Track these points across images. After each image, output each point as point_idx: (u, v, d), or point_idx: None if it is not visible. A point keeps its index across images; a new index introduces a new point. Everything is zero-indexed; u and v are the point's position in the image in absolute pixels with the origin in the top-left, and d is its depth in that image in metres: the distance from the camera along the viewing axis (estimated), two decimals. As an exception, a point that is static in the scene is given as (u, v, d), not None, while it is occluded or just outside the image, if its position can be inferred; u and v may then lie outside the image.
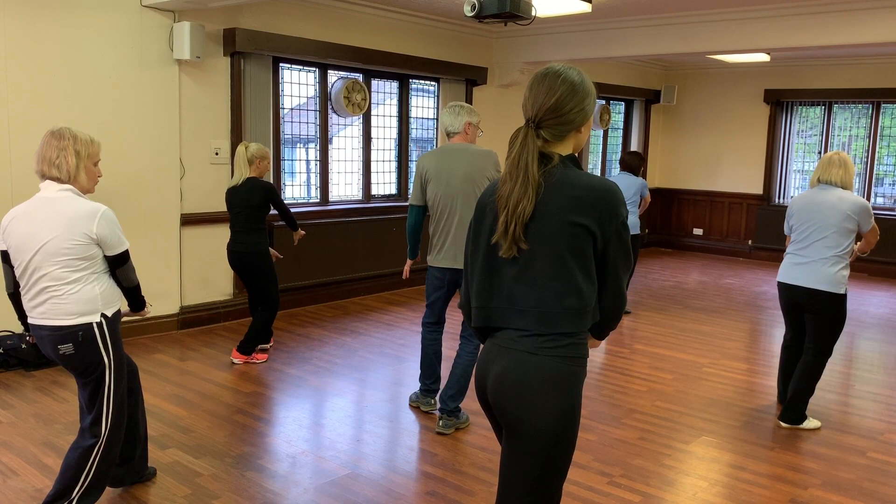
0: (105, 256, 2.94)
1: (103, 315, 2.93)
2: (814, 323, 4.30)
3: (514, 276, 2.04)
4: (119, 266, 2.99)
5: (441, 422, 4.20)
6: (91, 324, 2.89)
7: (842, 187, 4.19)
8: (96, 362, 2.93)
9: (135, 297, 3.16)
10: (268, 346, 5.65)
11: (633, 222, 6.67)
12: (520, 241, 2.00)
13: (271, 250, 5.48)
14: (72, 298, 2.86)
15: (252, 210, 5.10)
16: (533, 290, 2.01)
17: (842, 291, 4.17)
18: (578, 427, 2.07)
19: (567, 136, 2.08)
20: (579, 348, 2.03)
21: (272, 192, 5.15)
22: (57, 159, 2.85)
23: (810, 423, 4.35)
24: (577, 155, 2.13)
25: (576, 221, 1.96)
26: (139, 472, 3.42)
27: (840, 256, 4.15)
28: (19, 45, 5.03)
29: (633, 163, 6.94)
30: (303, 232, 5.64)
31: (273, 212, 5.32)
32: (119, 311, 3.06)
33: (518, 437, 2.05)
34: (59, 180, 2.88)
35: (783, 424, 4.37)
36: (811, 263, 4.20)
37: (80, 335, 2.88)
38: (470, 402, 4.54)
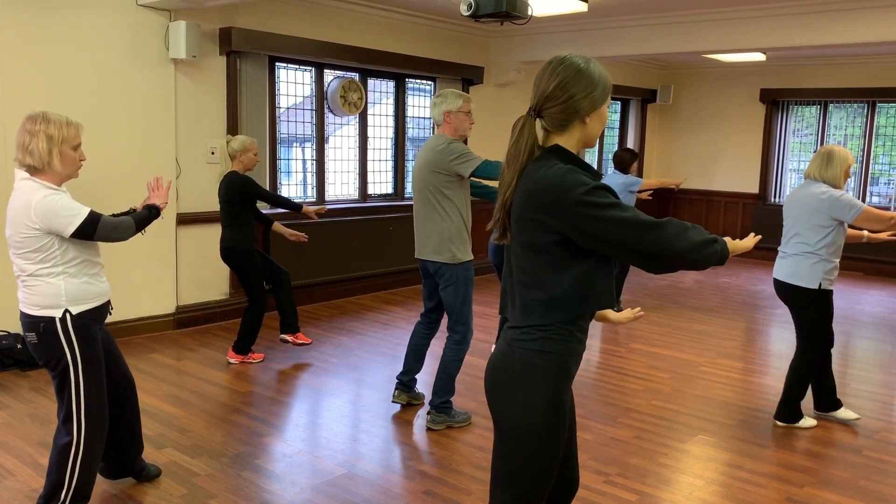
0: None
1: (67, 311, 2.89)
2: (794, 318, 4.32)
3: (509, 269, 2.11)
4: (90, 238, 2.90)
5: (429, 416, 4.22)
6: (53, 318, 2.88)
7: (823, 181, 4.14)
8: (58, 357, 2.91)
9: (145, 225, 3.15)
10: (289, 338, 5.49)
11: None
12: (507, 228, 2.03)
13: (293, 232, 5.38)
14: (35, 290, 2.87)
15: (229, 206, 5.05)
16: (514, 283, 2.06)
17: (815, 286, 4.11)
18: (558, 424, 2.01)
19: (570, 126, 2.01)
20: (551, 343, 1.98)
21: (248, 186, 5.02)
22: (29, 145, 2.82)
23: (806, 421, 4.36)
24: (561, 148, 2.02)
25: (530, 217, 1.95)
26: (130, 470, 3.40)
27: (813, 252, 4.10)
28: (14, 44, 5.01)
29: (624, 159, 6.86)
30: (313, 209, 5.45)
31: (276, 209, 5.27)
32: (97, 309, 2.98)
33: (496, 428, 2.10)
34: (32, 167, 2.84)
35: (778, 423, 4.38)
36: (789, 258, 4.23)
37: (42, 327, 2.88)
38: (466, 402, 4.54)
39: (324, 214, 6.10)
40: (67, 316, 2.89)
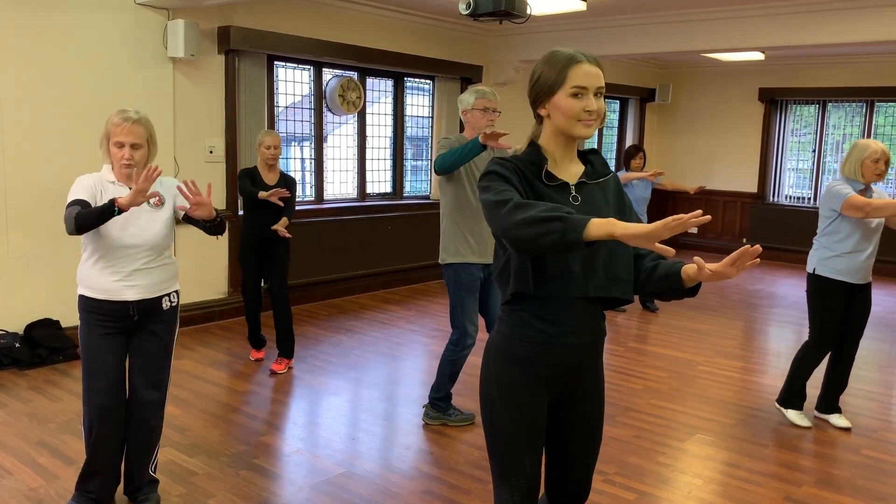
0: None
1: (79, 290, 3.01)
2: None
3: None
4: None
5: (423, 410, 4.27)
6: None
7: (842, 176, 4.20)
8: None
9: (86, 221, 2.73)
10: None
11: None
12: None
13: (278, 224, 4.93)
14: None
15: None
16: None
17: (810, 270, 4.30)
18: (499, 402, 2.04)
19: (542, 120, 2.03)
20: (501, 323, 2.08)
21: (238, 180, 4.99)
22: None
23: (797, 417, 4.37)
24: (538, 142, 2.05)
25: None
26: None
27: (816, 239, 4.31)
28: (12, 44, 5.00)
29: (626, 153, 7.15)
30: (281, 198, 4.85)
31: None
32: (99, 302, 2.94)
33: None
34: None
35: (776, 405, 4.52)
36: None
37: None
38: (466, 401, 4.54)
39: (319, 215, 5.98)
40: (78, 294, 3.02)
